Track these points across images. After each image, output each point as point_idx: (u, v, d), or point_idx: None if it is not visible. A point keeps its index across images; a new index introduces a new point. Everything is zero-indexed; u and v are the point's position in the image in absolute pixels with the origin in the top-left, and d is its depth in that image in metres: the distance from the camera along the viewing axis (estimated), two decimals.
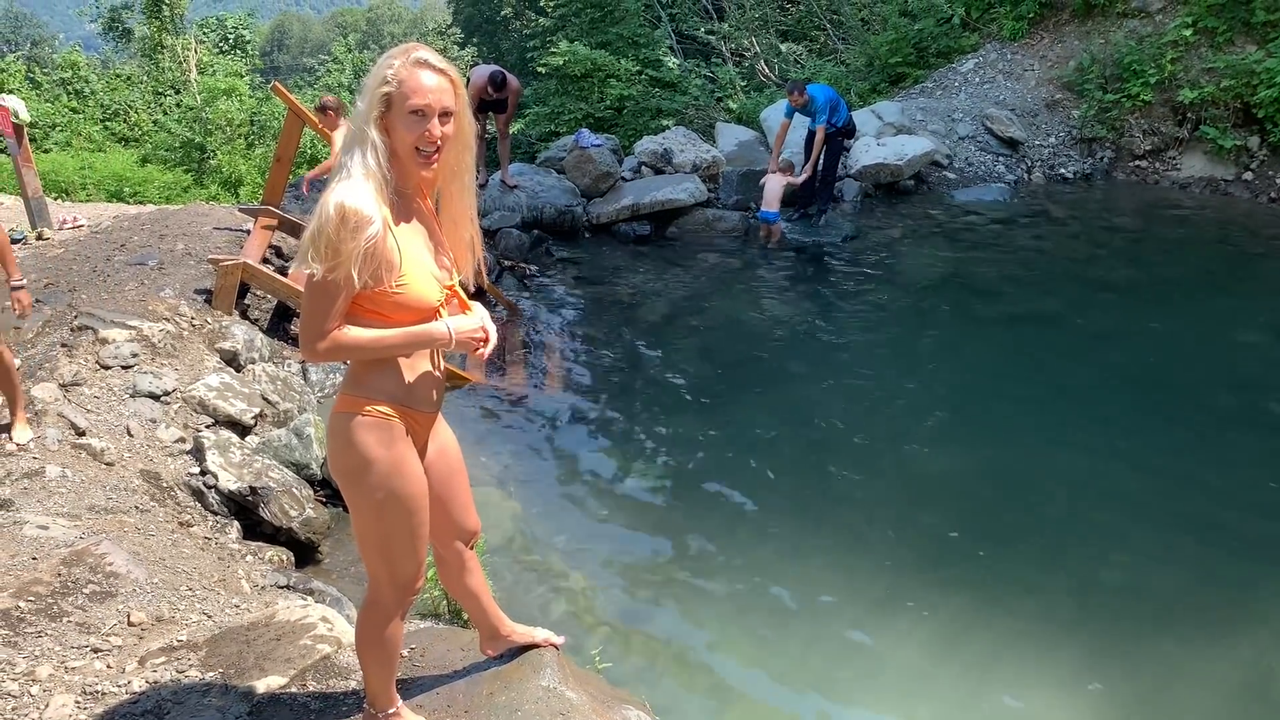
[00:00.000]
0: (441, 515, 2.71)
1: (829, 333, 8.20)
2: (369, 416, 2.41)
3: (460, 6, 40.72)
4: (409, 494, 2.47)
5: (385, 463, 2.42)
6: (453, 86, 2.32)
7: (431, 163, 2.34)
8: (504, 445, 6.15)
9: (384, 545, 2.52)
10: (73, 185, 15.02)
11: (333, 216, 2.20)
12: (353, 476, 2.44)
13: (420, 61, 2.28)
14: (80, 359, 5.44)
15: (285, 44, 72.93)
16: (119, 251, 7.08)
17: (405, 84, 2.26)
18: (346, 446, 2.42)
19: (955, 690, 4.21)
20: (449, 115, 2.32)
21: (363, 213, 2.21)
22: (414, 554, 2.56)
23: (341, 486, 2.50)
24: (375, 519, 2.48)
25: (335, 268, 2.21)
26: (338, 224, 2.19)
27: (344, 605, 4.07)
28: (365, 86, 2.30)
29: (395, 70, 2.27)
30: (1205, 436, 6.33)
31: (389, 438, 2.42)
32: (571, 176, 10.70)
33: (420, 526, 2.54)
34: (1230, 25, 12.39)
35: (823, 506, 5.57)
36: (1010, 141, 12.98)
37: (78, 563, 3.67)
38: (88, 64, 24.63)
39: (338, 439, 2.43)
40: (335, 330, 2.29)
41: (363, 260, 2.23)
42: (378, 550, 2.54)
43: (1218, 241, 10.63)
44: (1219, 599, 4.79)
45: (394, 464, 2.43)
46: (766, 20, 18.80)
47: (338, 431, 2.43)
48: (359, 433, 2.40)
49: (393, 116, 2.28)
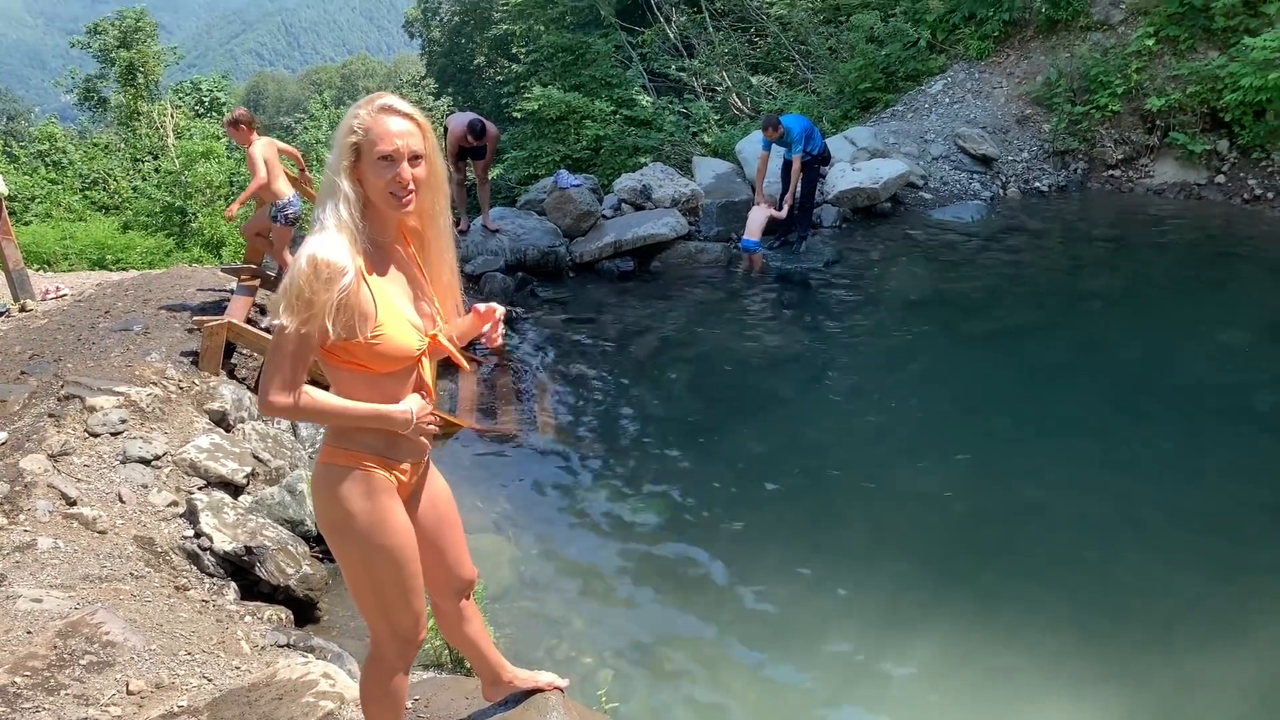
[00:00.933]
0: (436, 565, 2.69)
1: (817, 357, 8.22)
2: (351, 468, 2.39)
3: (433, 58, 41.10)
4: (394, 546, 2.44)
5: (366, 515, 2.40)
6: (420, 130, 2.33)
7: (405, 205, 2.33)
8: (498, 490, 6.13)
9: (378, 598, 2.50)
10: (54, 256, 15.02)
11: (305, 269, 2.20)
12: (337, 530, 2.42)
13: (385, 108, 2.30)
14: (68, 428, 5.42)
15: (261, 104, 73.32)
16: (103, 318, 7.08)
17: (372, 131, 2.28)
18: (329, 500, 2.40)
19: (964, 709, 4.18)
20: (419, 158, 2.32)
21: (335, 264, 2.21)
22: (409, 606, 2.54)
23: (328, 540, 2.48)
24: (364, 572, 2.46)
25: (308, 320, 2.21)
26: (310, 276, 2.19)
27: (345, 660, 4.04)
28: (334, 138, 2.32)
29: (361, 119, 2.29)
30: (1198, 440, 6.35)
31: (370, 489, 2.40)
32: (553, 217, 10.75)
33: (411, 578, 2.51)
34: (1191, 33, 12.57)
35: (821, 531, 5.56)
36: (983, 159, 13.10)
37: (73, 634, 3.64)
38: (65, 134, 24.71)
39: (321, 492, 2.42)
40: (300, 386, 2.27)
41: (336, 311, 2.22)
42: (373, 604, 2.52)
43: (1195, 245, 10.72)
44: (1225, 603, 4.78)
45: (376, 516, 2.41)
46: (736, 54, 19.00)
47: (320, 484, 2.42)
48: (341, 485, 2.39)
49: (363, 165, 2.30)
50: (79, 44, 27.06)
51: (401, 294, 2.41)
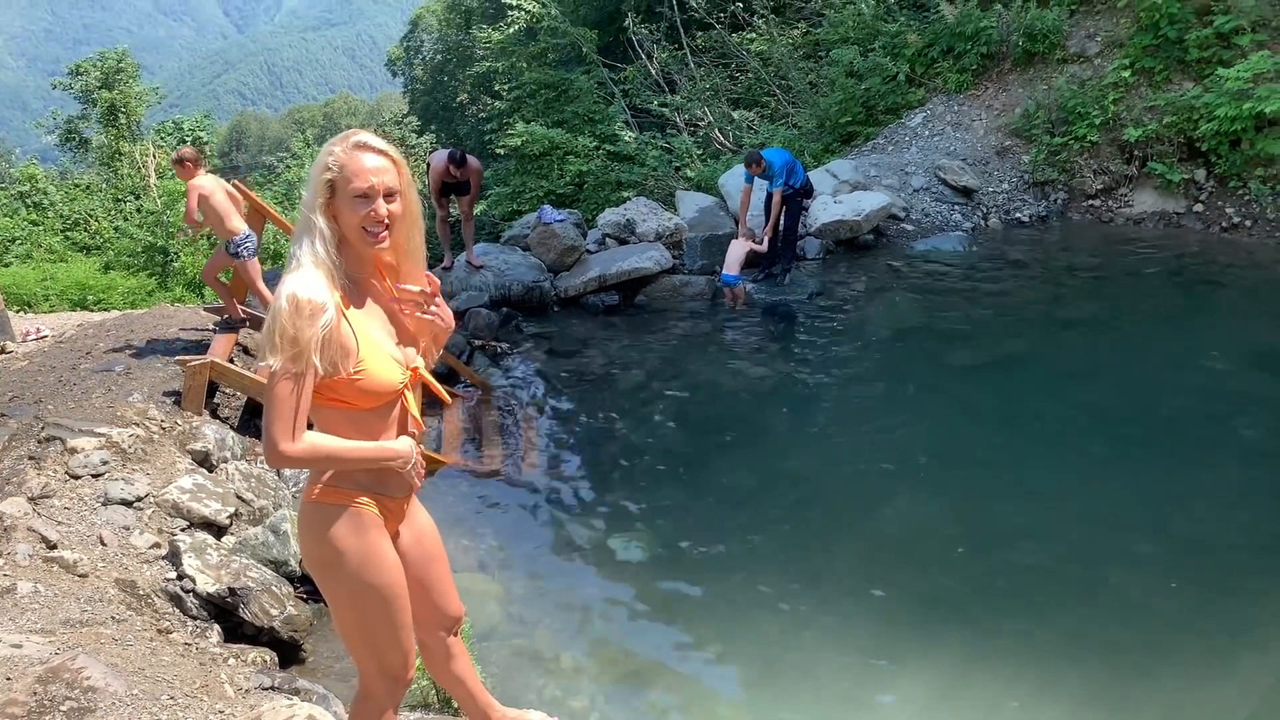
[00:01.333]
0: (422, 602, 2.66)
1: (802, 389, 8.23)
2: (338, 505, 2.37)
3: (416, 95, 41.38)
4: (384, 583, 2.43)
5: (357, 553, 2.38)
6: (395, 166, 2.34)
7: (380, 241, 2.34)
8: (484, 526, 6.08)
9: (366, 636, 2.47)
10: (35, 297, 14.96)
11: (285, 308, 2.20)
12: (325, 568, 2.40)
13: (360, 144, 2.31)
14: (49, 470, 5.36)
15: (244, 143, 73.52)
16: (85, 359, 7.02)
17: (346, 168, 2.28)
18: (317, 538, 2.38)
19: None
20: (393, 195, 2.33)
21: (315, 300, 2.21)
22: (398, 644, 2.51)
23: (315, 578, 2.46)
24: (352, 610, 2.44)
25: (297, 357, 2.20)
26: (291, 314, 2.19)
27: (330, 702, 3.98)
28: (310, 176, 2.33)
29: (336, 156, 2.29)
30: (1181, 467, 6.37)
31: (359, 526, 2.39)
32: (537, 253, 10.77)
33: (400, 614, 2.49)
34: (1166, 65, 12.75)
35: (809, 564, 5.53)
36: (964, 190, 13.21)
37: (54, 679, 3.57)
38: (46, 175, 24.71)
39: (309, 531, 2.40)
40: (303, 431, 2.26)
41: (321, 348, 2.22)
42: (361, 642, 2.49)
43: (1175, 273, 10.81)
44: (1211, 632, 4.77)
45: (366, 553, 2.39)
46: (717, 90, 19.17)
47: (309, 523, 2.40)
48: (328, 523, 2.37)
49: (338, 202, 2.30)
50: (61, 85, 27.13)
51: (381, 328, 2.41)
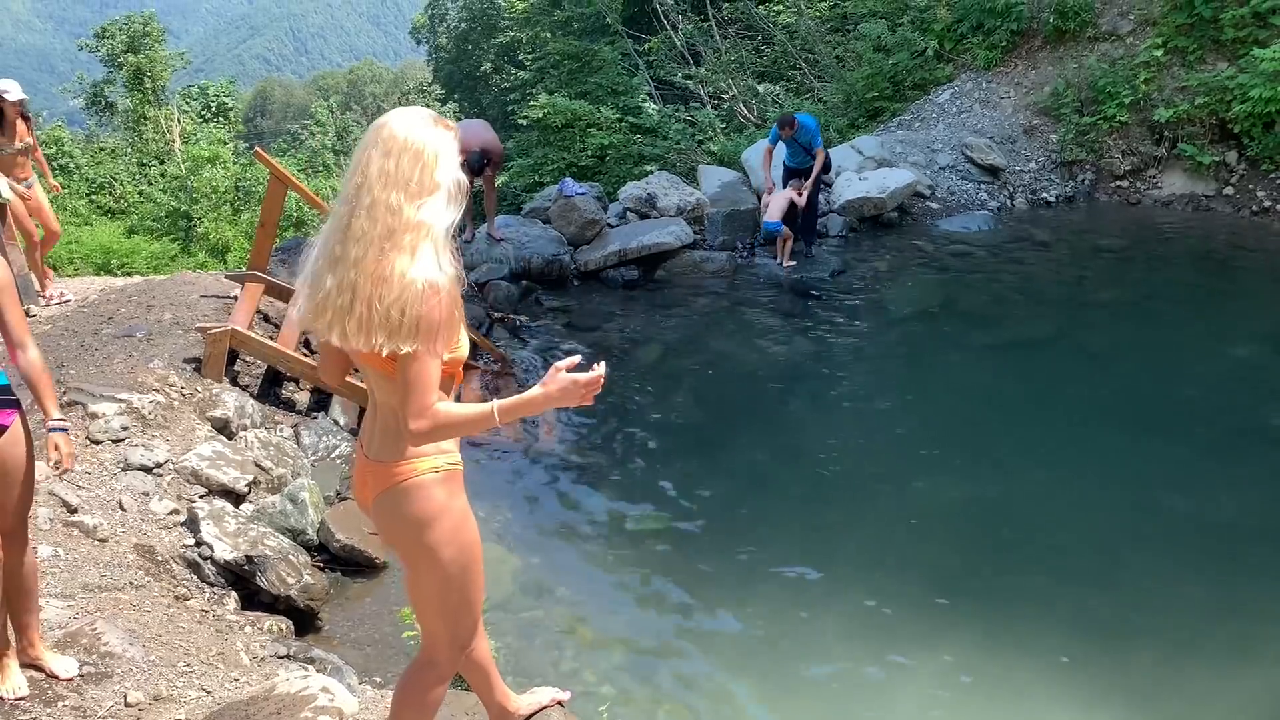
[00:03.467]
0: None
1: (823, 368, 8.18)
2: (440, 473, 2.41)
3: (440, 64, 41.18)
4: (474, 544, 2.50)
5: (456, 514, 2.44)
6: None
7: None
8: (500, 499, 6.09)
9: (450, 601, 2.52)
10: (60, 260, 15.03)
11: (425, 293, 2.21)
12: (426, 533, 2.42)
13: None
14: (70, 435, 5.39)
15: (268, 109, 73.45)
16: (106, 324, 7.05)
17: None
18: (429, 510, 2.40)
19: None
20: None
21: (448, 290, 2.25)
22: (476, 608, 2.59)
23: (411, 547, 2.46)
24: (443, 574, 2.47)
25: (439, 344, 2.24)
26: (432, 301, 2.22)
27: (345, 674, 4.00)
28: (427, 164, 2.28)
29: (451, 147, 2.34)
30: (1206, 453, 6.31)
31: (456, 489, 2.45)
32: (557, 226, 10.73)
33: (480, 578, 2.56)
34: (1200, 44, 12.55)
35: (826, 543, 5.52)
36: (991, 169, 13.06)
37: (72, 644, 3.60)
38: (72, 139, 24.76)
39: (416, 506, 2.40)
40: (435, 407, 2.26)
41: (450, 331, 2.28)
42: (442, 607, 2.53)
43: (1203, 257, 10.68)
44: (1234, 620, 4.74)
45: (464, 514, 2.46)
46: (743, 63, 18.99)
47: (415, 499, 2.40)
48: (430, 489, 2.40)
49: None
50: (87, 48, 27.15)
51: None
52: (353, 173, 2.29)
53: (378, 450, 2.44)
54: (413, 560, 2.48)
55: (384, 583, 5.16)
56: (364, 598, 5.02)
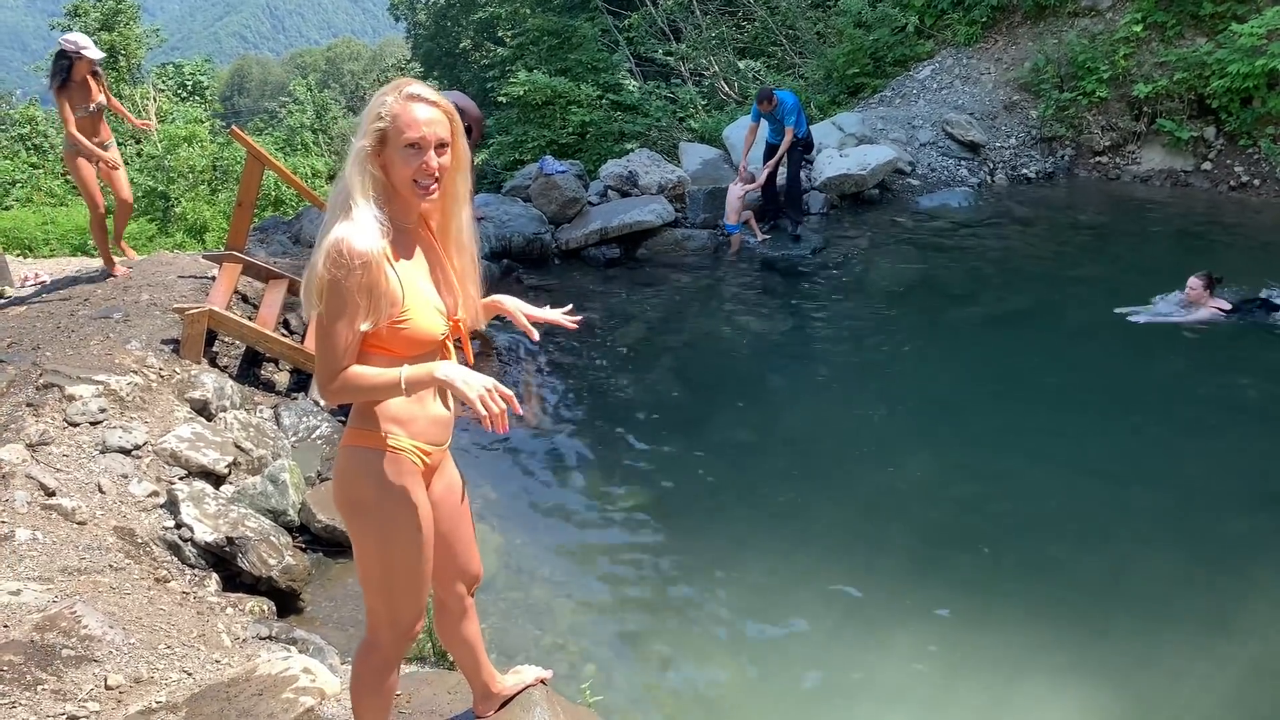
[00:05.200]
0: (445, 556, 2.68)
1: (804, 345, 8.20)
2: (379, 450, 2.39)
3: (419, 41, 40.83)
4: (414, 529, 2.45)
5: (394, 496, 2.40)
6: (447, 118, 2.34)
7: (430, 194, 2.35)
8: (483, 479, 6.08)
9: (386, 583, 2.50)
10: (35, 241, 14.88)
11: (330, 255, 2.21)
12: (360, 509, 2.42)
13: (413, 95, 2.31)
14: (47, 417, 5.35)
15: (245, 87, 72.74)
16: (83, 306, 6.98)
17: (399, 119, 2.28)
18: (356, 479, 2.40)
19: (950, 704, 4.18)
20: (445, 146, 2.34)
21: (357, 248, 2.22)
22: (416, 595, 2.54)
23: (347, 521, 2.47)
24: (378, 555, 2.46)
25: (340, 306, 2.23)
26: (335, 261, 2.21)
27: (326, 654, 4.00)
28: (360, 124, 2.32)
29: (389, 106, 2.29)
30: (1185, 428, 6.36)
31: (398, 471, 2.41)
32: (538, 204, 10.69)
33: (424, 564, 2.52)
34: (1179, 19, 12.57)
35: (810, 524, 5.54)
36: (971, 145, 13.07)
37: (51, 627, 3.59)
38: (46, 118, 24.42)
39: (347, 472, 2.42)
40: (345, 369, 2.28)
41: (367, 297, 2.24)
42: (380, 589, 2.51)
43: (1182, 232, 10.73)
44: (1213, 592, 4.78)
45: (402, 497, 2.41)
46: (723, 39, 18.90)
47: (348, 465, 2.42)
48: (369, 465, 2.39)
49: (389, 152, 2.30)
50: (60, 26, 26.77)
51: (425, 278, 2.42)
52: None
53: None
54: (352, 534, 2.49)
55: None
56: (346, 578, 5.01)
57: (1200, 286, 7.79)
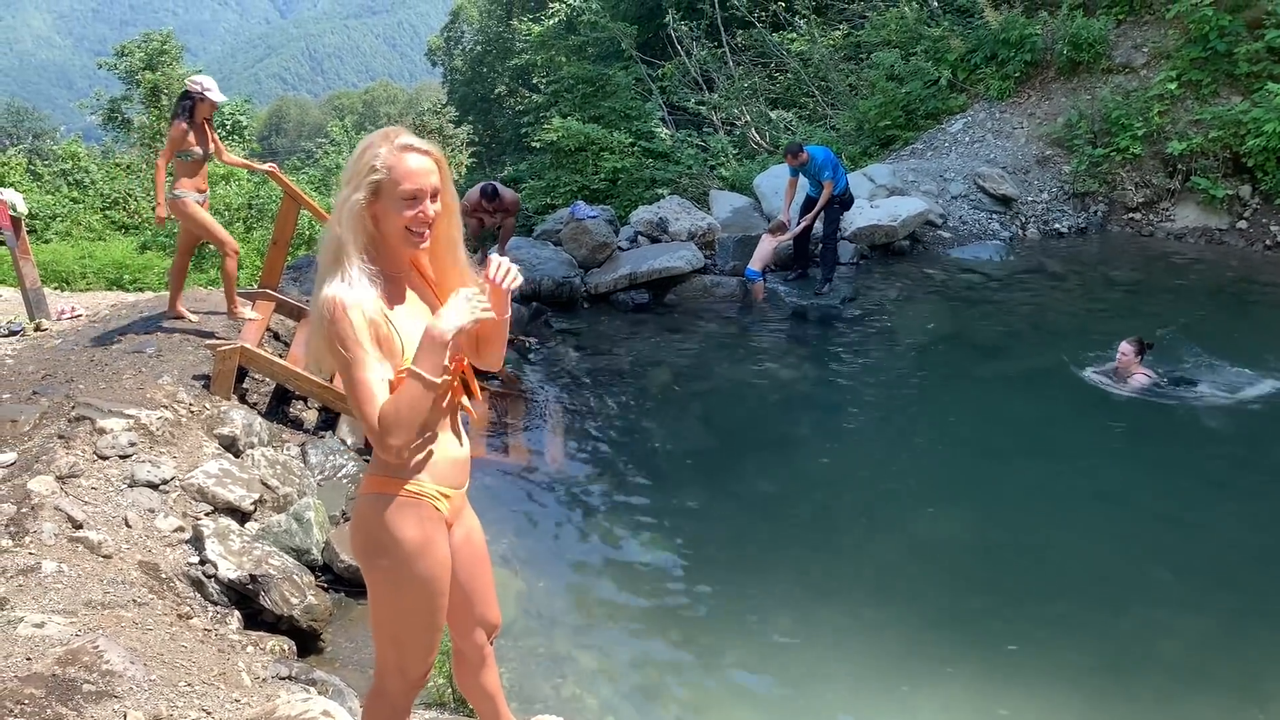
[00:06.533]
0: (464, 604, 2.64)
1: (831, 396, 8.15)
2: (400, 496, 2.38)
3: (455, 86, 41.47)
4: (432, 577, 2.43)
5: (413, 543, 2.38)
6: (437, 165, 2.34)
7: (423, 241, 2.35)
8: (506, 522, 6.06)
9: (398, 631, 2.47)
10: (73, 274, 15.07)
11: (325, 311, 2.23)
12: (378, 554, 2.40)
13: (406, 146, 2.30)
14: (77, 450, 5.39)
15: (283, 128, 74.04)
16: (117, 340, 7.07)
17: (396, 170, 2.27)
18: (375, 526, 2.38)
19: None
20: (437, 194, 2.34)
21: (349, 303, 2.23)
22: (427, 644, 2.51)
23: (364, 567, 2.46)
24: (392, 601, 2.43)
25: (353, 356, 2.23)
26: (334, 315, 2.22)
27: (346, 697, 3.97)
28: (350, 175, 2.29)
29: (384, 158, 2.27)
30: (1218, 488, 6.25)
31: (419, 517, 2.39)
32: (568, 248, 10.75)
33: (437, 615, 2.48)
34: (1214, 78, 12.55)
35: (831, 576, 5.47)
36: (1003, 199, 13.06)
37: (73, 662, 3.58)
38: (88, 154, 24.88)
39: (367, 519, 2.40)
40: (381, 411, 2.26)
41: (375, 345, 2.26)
42: (391, 636, 2.48)
43: (1216, 291, 10.64)
44: (1244, 652, 4.68)
45: (422, 545, 2.39)
46: (755, 89, 19.06)
47: (368, 512, 2.40)
48: (389, 512, 2.37)
49: (383, 202, 2.29)
50: (106, 65, 27.38)
51: (421, 320, 2.39)
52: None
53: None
54: (368, 580, 2.47)
55: None
56: (367, 620, 4.97)
57: (1131, 353, 7.64)
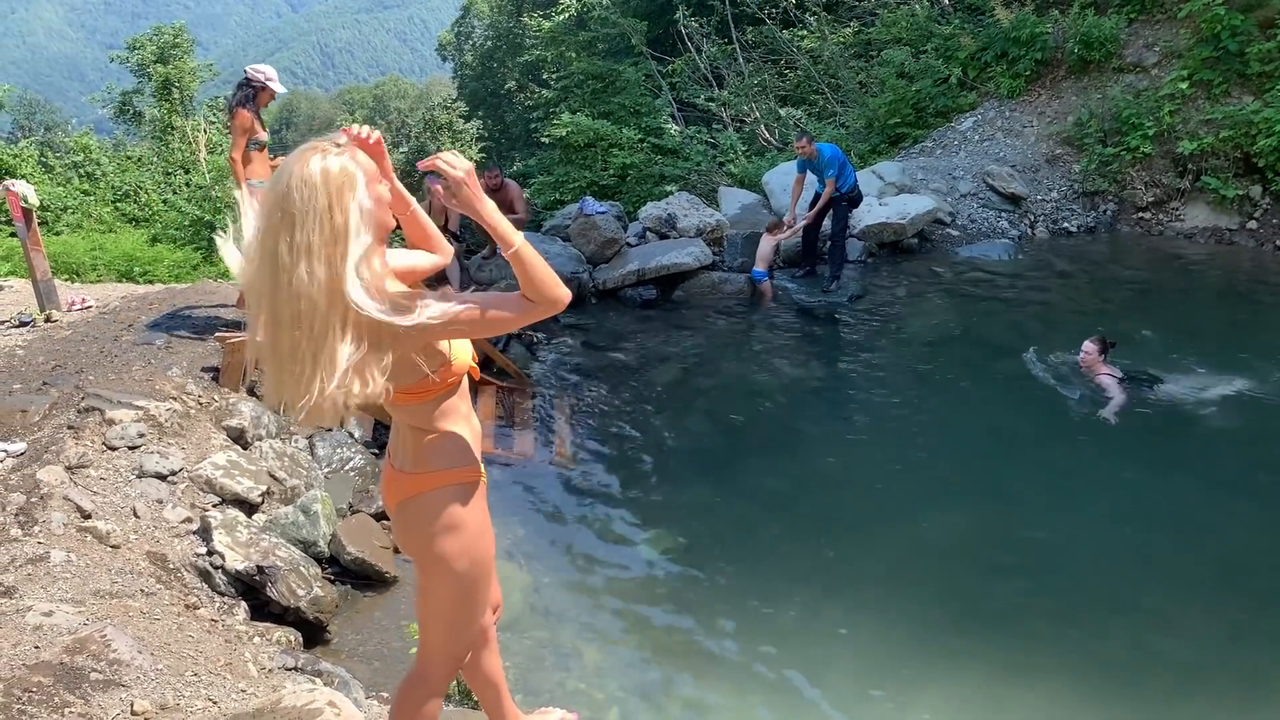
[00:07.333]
0: None
1: (838, 394, 8.15)
2: (456, 484, 2.42)
3: (465, 81, 41.48)
4: (488, 555, 2.50)
5: (473, 526, 2.45)
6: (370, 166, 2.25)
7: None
8: (513, 516, 6.08)
9: (456, 614, 2.52)
10: (83, 266, 15.12)
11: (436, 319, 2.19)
12: (441, 543, 2.42)
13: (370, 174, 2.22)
14: (87, 440, 5.42)
15: (294, 122, 74.01)
16: (126, 331, 7.10)
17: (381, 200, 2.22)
18: (436, 517, 2.41)
19: None
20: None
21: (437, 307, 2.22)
22: (477, 620, 2.58)
23: (427, 557, 2.47)
24: (457, 586, 2.47)
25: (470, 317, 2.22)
26: (446, 320, 2.20)
27: (351, 688, 3.99)
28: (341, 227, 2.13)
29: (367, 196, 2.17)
30: (1224, 487, 6.23)
31: (475, 501, 2.46)
32: (577, 244, 10.76)
33: (487, 590, 2.56)
34: (1226, 77, 12.50)
35: (837, 574, 5.47)
36: (1012, 197, 13.02)
37: (81, 650, 3.61)
38: (99, 147, 24.94)
39: (442, 514, 2.42)
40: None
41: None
42: (449, 623, 2.53)
43: (1225, 291, 10.61)
44: (1249, 651, 4.67)
45: (479, 528, 2.47)
46: (765, 86, 19.05)
47: (441, 507, 2.42)
48: (448, 500, 2.41)
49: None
50: (117, 59, 27.43)
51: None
52: None
53: (401, 461, 2.47)
54: (428, 570, 2.49)
55: (394, 597, 5.15)
56: (373, 611, 5.01)
57: (1095, 352, 7.59)
